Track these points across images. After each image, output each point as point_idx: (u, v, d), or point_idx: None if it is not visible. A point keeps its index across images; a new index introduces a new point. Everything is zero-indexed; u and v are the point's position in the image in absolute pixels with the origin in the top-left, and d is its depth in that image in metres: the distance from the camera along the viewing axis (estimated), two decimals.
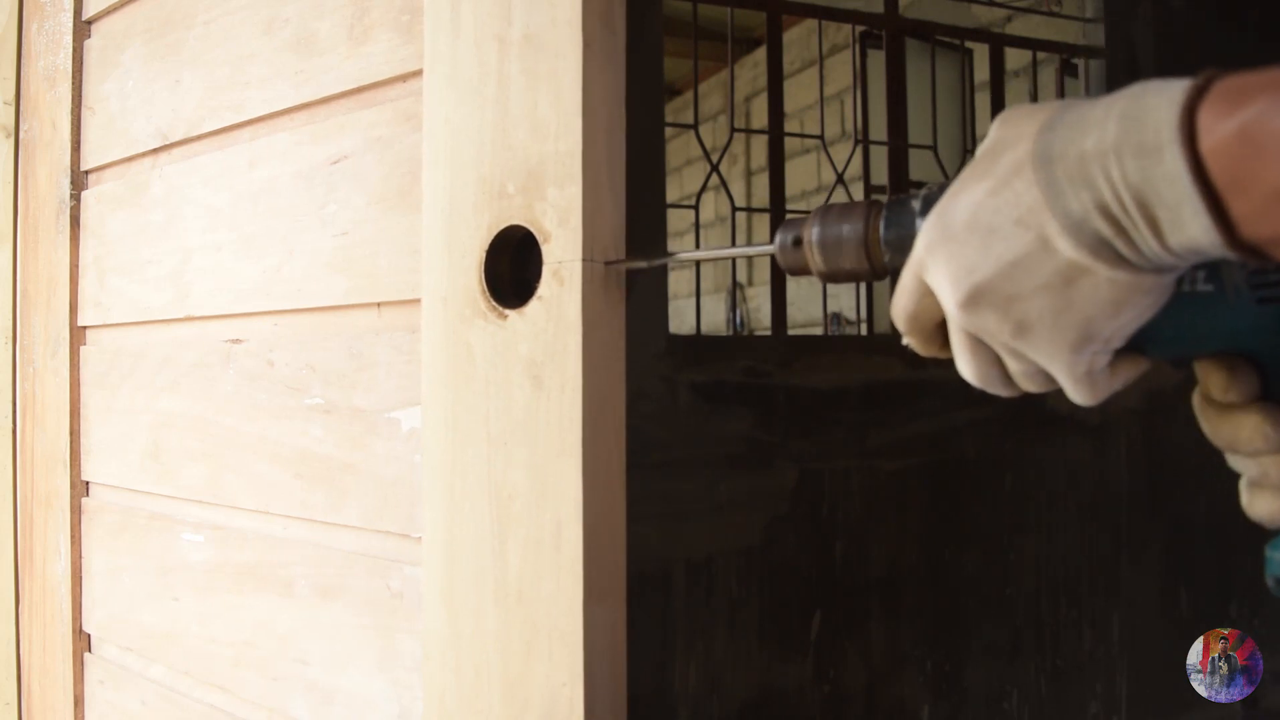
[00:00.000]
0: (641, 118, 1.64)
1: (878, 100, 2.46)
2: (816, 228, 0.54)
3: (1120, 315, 0.44)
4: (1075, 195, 0.42)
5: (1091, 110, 0.42)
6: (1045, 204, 0.43)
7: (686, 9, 2.15)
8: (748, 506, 1.95)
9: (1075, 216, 0.42)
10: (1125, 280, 0.42)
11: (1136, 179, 0.40)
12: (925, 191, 0.51)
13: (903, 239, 0.51)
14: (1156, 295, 0.44)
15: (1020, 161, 0.43)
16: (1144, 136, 0.40)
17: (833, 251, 0.54)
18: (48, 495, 1.18)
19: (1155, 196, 0.40)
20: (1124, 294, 0.43)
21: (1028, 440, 2.26)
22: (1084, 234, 0.42)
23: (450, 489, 0.70)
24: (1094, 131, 0.41)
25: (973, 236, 0.45)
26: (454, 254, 0.70)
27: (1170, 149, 0.39)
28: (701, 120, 2.25)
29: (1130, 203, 0.40)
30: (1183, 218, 0.39)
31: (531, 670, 0.64)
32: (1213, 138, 0.38)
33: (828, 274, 0.55)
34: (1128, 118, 0.40)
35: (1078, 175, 0.42)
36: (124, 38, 1.10)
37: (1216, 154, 0.38)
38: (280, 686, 0.87)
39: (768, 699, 1.96)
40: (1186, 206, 0.39)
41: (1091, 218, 0.42)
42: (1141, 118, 0.40)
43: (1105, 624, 2.38)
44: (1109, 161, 0.41)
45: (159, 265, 1.03)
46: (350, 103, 0.84)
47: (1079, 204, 0.42)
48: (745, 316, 5.00)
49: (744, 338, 4.24)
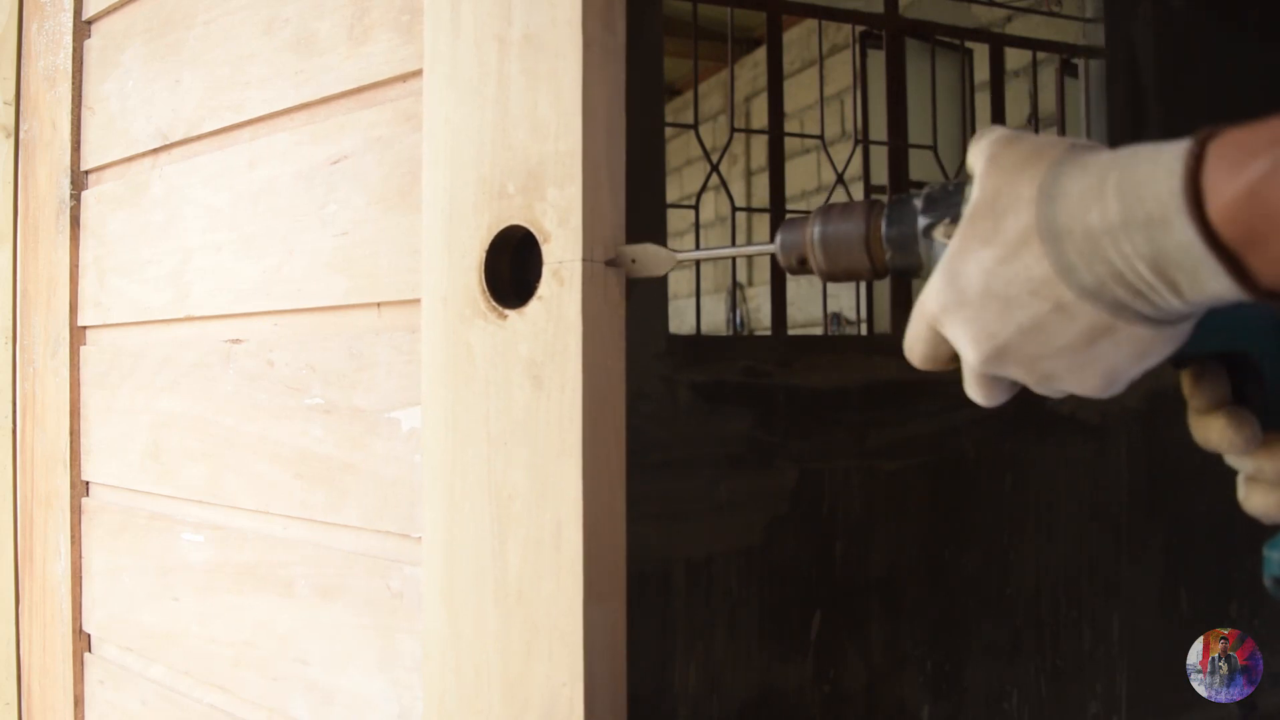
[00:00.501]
0: (641, 118, 1.64)
1: (878, 100, 2.46)
2: (818, 227, 0.54)
3: (1143, 362, 0.44)
4: (1089, 269, 0.42)
5: (1085, 176, 0.42)
6: (1058, 278, 0.43)
7: (686, 9, 2.15)
8: (748, 506, 1.95)
9: (1090, 287, 0.42)
10: (1146, 335, 0.43)
11: (1149, 251, 0.40)
12: (927, 190, 0.51)
13: (904, 237, 0.51)
14: (1176, 341, 0.44)
15: (1025, 232, 0.44)
16: (1148, 209, 0.40)
17: (834, 250, 0.54)
18: (48, 495, 1.18)
19: (1171, 264, 0.40)
20: (1146, 346, 0.44)
21: (1028, 440, 2.26)
22: (1102, 300, 0.43)
23: (450, 489, 0.70)
24: (1095, 207, 0.41)
25: (989, 303, 0.45)
26: (454, 254, 0.70)
27: (1179, 219, 0.39)
28: (701, 120, 2.25)
29: (1146, 271, 0.41)
30: (1202, 279, 0.40)
31: (531, 670, 0.64)
32: (1220, 200, 0.38)
33: (829, 273, 0.55)
34: (1125, 194, 0.41)
35: (1088, 251, 0.42)
36: (124, 38, 1.10)
37: (1226, 216, 0.38)
38: (280, 686, 0.87)
39: (768, 699, 1.96)
40: (1204, 269, 0.39)
41: (1108, 286, 0.42)
42: (1140, 191, 0.40)
43: (1105, 624, 2.38)
44: (1118, 237, 0.41)
45: (159, 265, 1.03)
46: (350, 103, 0.84)
47: (1092, 276, 0.42)
48: (745, 316, 5.00)
49: (744, 338, 4.24)
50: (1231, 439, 0.48)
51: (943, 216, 0.49)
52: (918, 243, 0.51)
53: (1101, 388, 0.46)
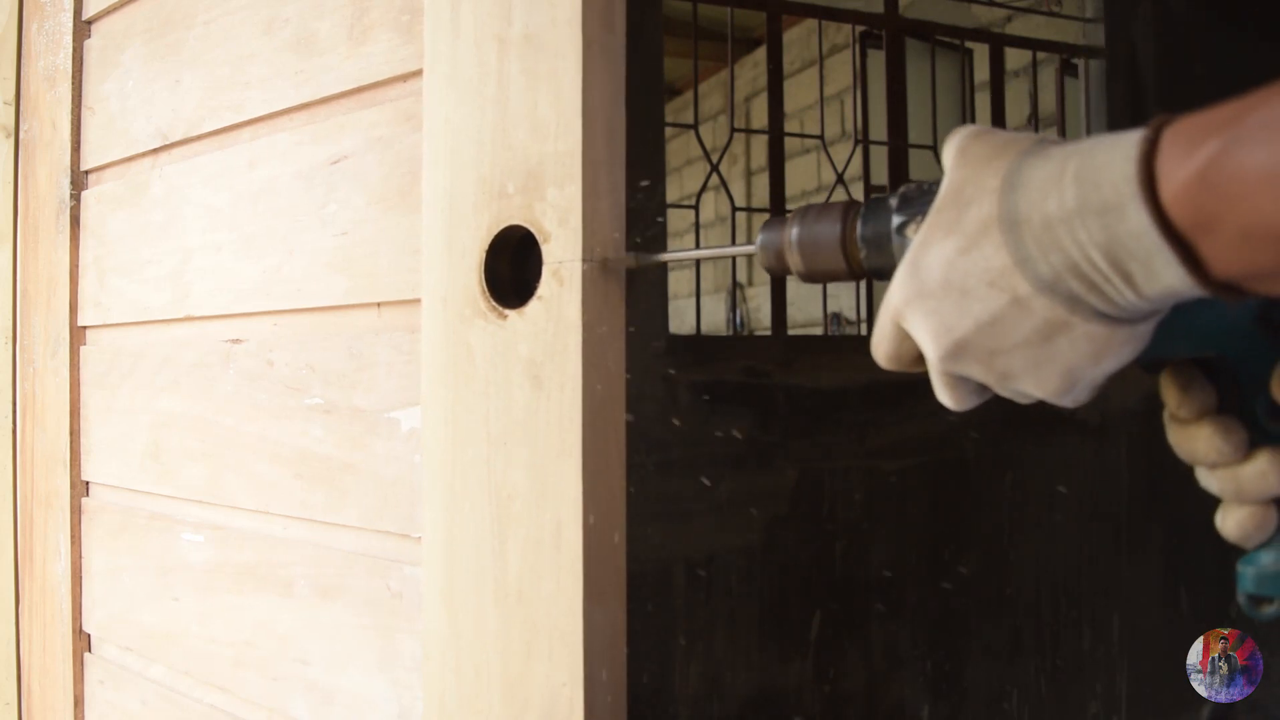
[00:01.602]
0: (641, 118, 1.64)
1: (878, 100, 2.46)
2: (796, 228, 0.54)
3: (1101, 363, 0.44)
4: (1044, 259, 0.42)
5: (1047, 165, 0.42)
6: (1015, 268, 0.42)
7: (686, 9, 2.15)
8: (748, 506, 1.95)
9: (1046, 279, 0.42)
10: (1102, 333, 0.42)
11: (1103, 238, 0.40)
12: (902, 190, 0.51)
13: (879, 237, 0.51)
14: (1135, 344, 0.43)
15: (986, 222, 0.43)
16: (1103, 195, 0.39)
17: (811, 251, 0.54)
18: (48, 495, 1.18)
19: (1125, 252, 0.39)
20: (1102, 345, 0.43)
21: (1028, 440, 2.26)
22: (1058, 293, 0.42)
23: (450, 489, 0.70)
24: (1053, 194, 0.41)
25: (948, 295, 0.45)
26: (454, 254, 0.70)
27: (1132, 204, 0.39)
28: (701, 120, 2.25)
29: (1100, 260, 0.40)
30: (1155, 268, 0.39)
31: (531, 670, 0.64)
32: (1173, 184, 0.38)
33: (807, 274, 0.55)
34: (1083, 180, 0.40)
35: (1045, 239, 0.41)
36: (124, 38, 1.10)
37: (1179, 200, 0.38)
38: (280, 686, 0.87)
39: (768, 699, 1.96)
40: (1158, 257, 0.39)
41: (1063, 278, 0.42)
42: (1096, 177, 0.40)
43: (1105, 624, 2.38)
44: (1074, 224, 0.40)
45: (159, 265, 1.03)
46: (350, 103, 0.84)
47: (1048, 267, 0.42)
48: (745, 316, 5.00)
49: (744, 338, 4.24)
50: (1219, 448, 0.47)
51: (915, 215, 0.49)
52: (891, 241, 0.50)
53: (1060, 389, 0.45)
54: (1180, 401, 0.48)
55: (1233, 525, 0.47)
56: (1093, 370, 0.44)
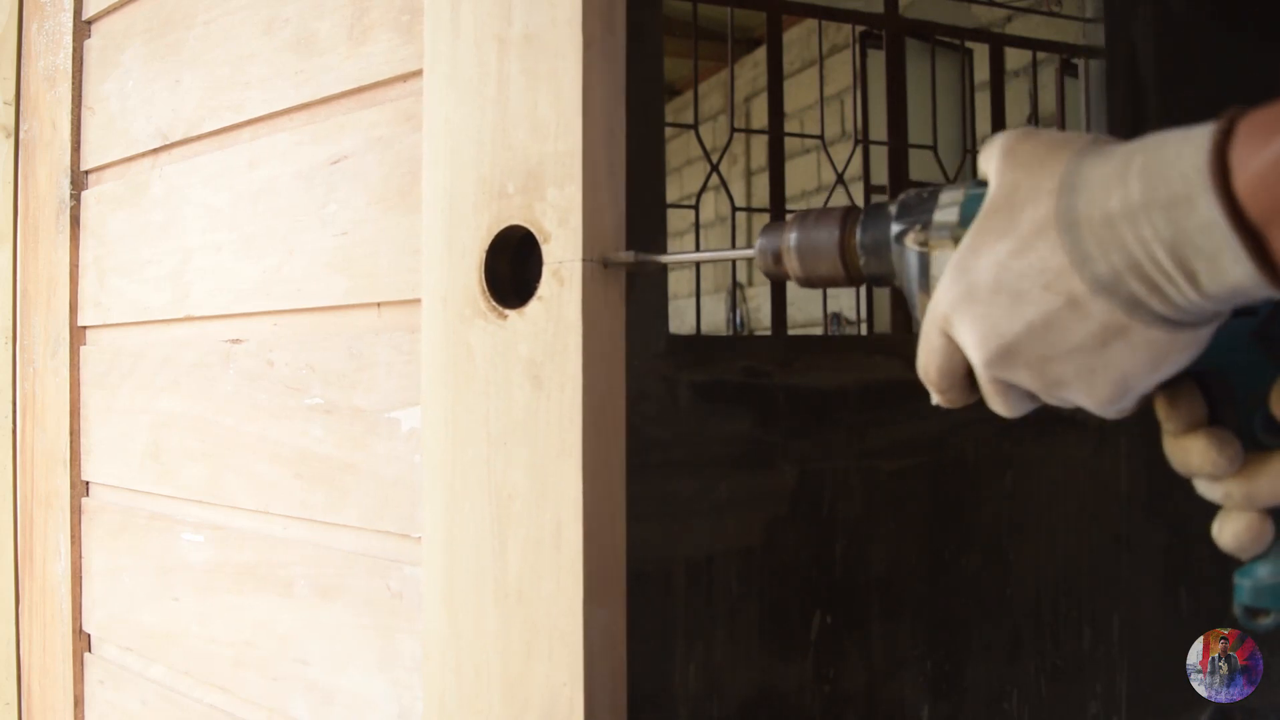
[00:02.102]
0: (641, 118, 1.64)
1: (878, 100, 2.46)
2: (794, 233, 0.54)
3: (1157, 372, 0.42)
4: (1104, 258, 0.40)
5: (1108, 163, 0.41)
6: (1073, 269, 0.41)
7: (686, 9, 2.15)
8: (748, 506, 1.95)
9: (1106, 280, 0.40)
10: (1162, 339, 0.41)
11: (1169, 234, 0.38)
12: (902, 198, 0.50)
13: (878, 244, 0.51)
14: (1193, 350, 0.42)
15: (1043, 224, 0.42)
16: (1172, 188, 0.38)
17: (809, 257, 0.53)
18: (48, 495, 1.18)
19: (1191, 249, 0.38)
20: (1161, 352, 0.42)
21: (1028, 440, 2.26)
22: (1117, 295, 0.41)
23: (450, 489, 0.70)
24: (1117, 191, 0.40)
25: (999, 299, 0.43)
26: (454, 254, 0.70)
27: (1203, 197, 0.37)
28: (701, 120, 2.25)
29: (1165, 258, 0.39)
30: (1222, 265, 0.38)
31: (531, 670, 0.64)
32: (1247, 173, 0.36)
33: (805, 280, 0.55)
34: (1150, 172, 0.39)
35: (1106, 237, 0.40)
36: (124, 38, 1.10)
37: (1252, 190, 0.36)
38: (280, 686, 0.87)
39: (768, 699, 1.96)
40: (1226, 253, 0.37)
41: (1124, 279, 0.40)
42: (1165, 170, 0.38)
43: (1105, 624, 2.38)
44: (1138, 220, 0.39)
45: (159, 265, 1.03)
46: (350, 103, 0.84)
47: (1108, 266, 0.40)
48: (745, 316, 5.00)
49: (744, 338, 4.23)
50: (1214, 460, 0.46)
51: (914, 223, 0.49)
52: (890, 250, 0.50)
53: (1112, 398, 0.44)
54: (1168, 414, 0.47)
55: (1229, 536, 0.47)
56: (1147, 379, 0.43)
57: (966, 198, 0.47)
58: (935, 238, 0.48)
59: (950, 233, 0.47)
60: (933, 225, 0.48)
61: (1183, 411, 0.47)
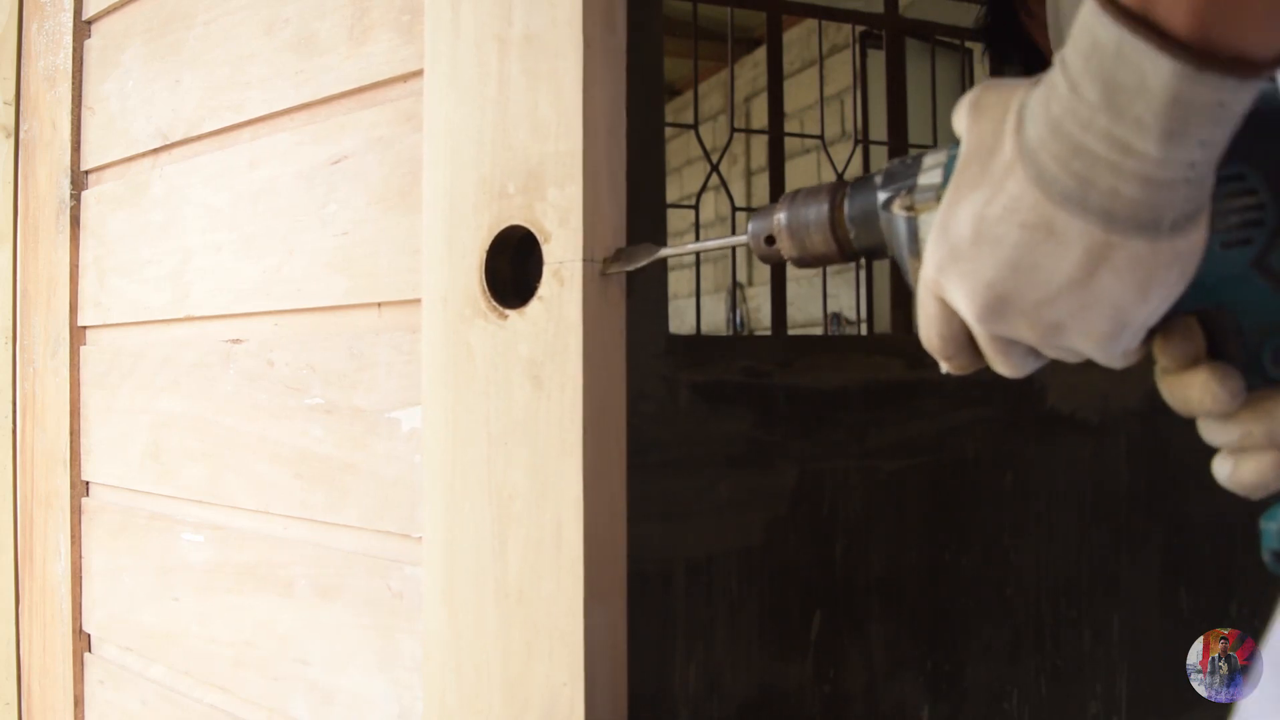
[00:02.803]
0: (641, 118, 1.64)
1: (878, 100, 2.46)
2: (784, 212, 0.54)
3: (1149, 298, 0.42)
4: (1065, 169, 0.40)
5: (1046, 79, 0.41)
6: (1044, 197, 0.41)
7: (686, 9, 2.15)
8: (748, 506, 1.95)
9: (1073, 193, 0.40)
10: (1145, 254, 0.40)
11: (1097, 94, 0.38)
12: (887, 167, 0.50)
13: (866, 215, 0.50)
14: (1181, 267, 0.41)
15: (1009, 163, 0.42)
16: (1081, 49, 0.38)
17: (800, 235, 0.53)
18: (48, 495, 1.18)
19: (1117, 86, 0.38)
20: (1147, 272, 0.41)
21: (1028, 440, 2.26)
22: (1089, 208, 0.40)
23: (450, 489, 0.70)
24: (1053, 97, 0.40)
25: (981, 249, 0.43)
26: (454, 254, 0.70)
27: (1099, 25, 0.37)
28: (701, 120, 2.25)
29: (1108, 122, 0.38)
30: (1149, 82, 0.37)
31: (532, 670, 0.64)
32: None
33: (798, 258, 0.54)
34: (1067, 60, 0.39)
35: (1060, 149, 0.40)
36: (124, 38, 1.10)
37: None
38: (280, 686, 0.87)
39: (768, 699, 1.96)
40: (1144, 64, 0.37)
41: (1088, 180, 0.40)
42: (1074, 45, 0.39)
43: (1105, 624, 2.38)
44: (1077, 108, 0.39)
45: (159, 265, 1.03)
46: (350, 103, 0.84)
47: (1070, 176, 0.40)
48: (745, 316, 5.00)
49: (744, 338, 4.24)
50: (1215, 393, 0.44)
51: (900, 189, 0.48)
52: (878, 218, 0.50)
53: (1110, 334, 0.42)
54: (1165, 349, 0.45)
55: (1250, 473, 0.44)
56: (1141, 308, 0.42)
57: (949, 158, 0.47)
58: (921, 200, 0.47)
59: (935, 194, 0.47)
60: (918, 189, 0.48)
61: (1179, 344, 0.45)
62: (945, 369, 0.49)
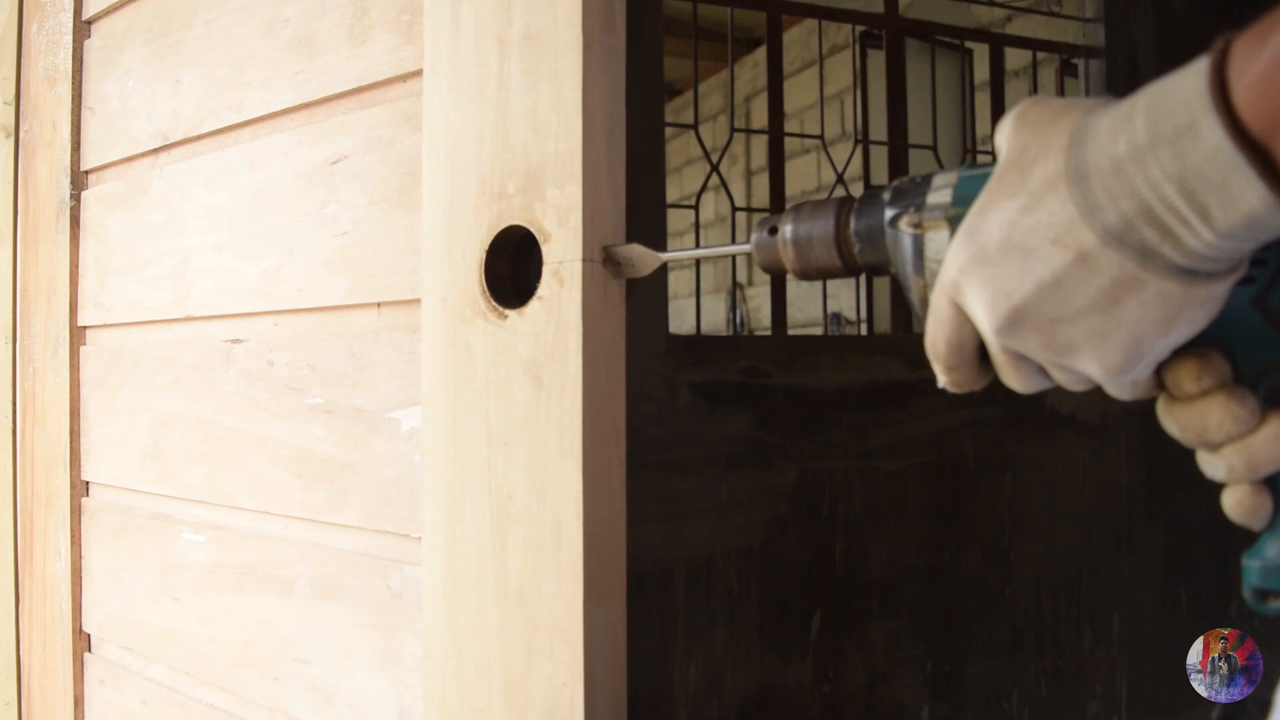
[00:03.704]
0: (641, 118, 1.64)
1: (878, 100, 2.46)
2: (790, 225, 0.54)
3: (1171, 333, 0.41)
4: (1114, 206, 0.39)
5: (1115, 111, 0.40)
6: (1082, 221, 0.40)
7: (686, 9, 2.15)
8: (748, 506, 1.95)
9: (1116, 228, 0.39)
10: (1176, 293, 0.40)
11: (1176, 168, 0.37)
12: (895, 184, 0.50)
13: (873, 231, 0.50)
14: (1208, 308, 0.41)
15: (1053, 178, 0.41)
16: (1175, 119, 0.37)
17: (805, 248, 0.53)
18: (48, 495, 1.18)
19: (1200, 181, 0.37)
20: (1175, 309, 0.40)
21: (1028, 440, 2.26)
22: (1128, 244, 0.39)
23: (450, 489, 0.70)
24: (1123, 134, 0.39)
25: (1008, 258, 0.42)
26: (454, 254, 0.70)
27: (1205, 119, 0.36)
28: (701, 120, 2.25)
29: (1175, 196, 0.37)
30: (1233, 191, 0.36)
31: (532, 670, 0.64)
32: (1245, 82, 0.35)
33: (801, 271, 0.54)
34: (1153, 109, 0.38)
35: (1115, 184, 0.39)
36: (124, 38, 1.10)
37: (1252, 100, 0.35)
38: (281, 686, 0.87)
39: (768, 699, 1.96)
40: (1236, 178, 0.36)
41: (1134, 226, 0.39)
42: (1167, 103, 0.37)
43: (1105, 624, 2.38)
44: (1145, 160, 0.38)
45: (159, 265, 1.03)
46: (350, 103, 0.84)
47: (1118, 214, 0.39)
48: (745, 316, 5.00)
49: (744, 338, 4.24)
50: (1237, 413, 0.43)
51: (908, 206, 0.48)
52: (884, 235, 0.50)
53: (1124, 363, 0.42)
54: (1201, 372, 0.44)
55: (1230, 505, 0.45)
56: (1162, 340, 0.41)
57: (960, 179, 0.47)
58: (929, 219, 0.47)
59: (944, 213, 0.47)
60: (926, 207, 0.48)
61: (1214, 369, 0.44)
62: (943, 382, 0.48)
